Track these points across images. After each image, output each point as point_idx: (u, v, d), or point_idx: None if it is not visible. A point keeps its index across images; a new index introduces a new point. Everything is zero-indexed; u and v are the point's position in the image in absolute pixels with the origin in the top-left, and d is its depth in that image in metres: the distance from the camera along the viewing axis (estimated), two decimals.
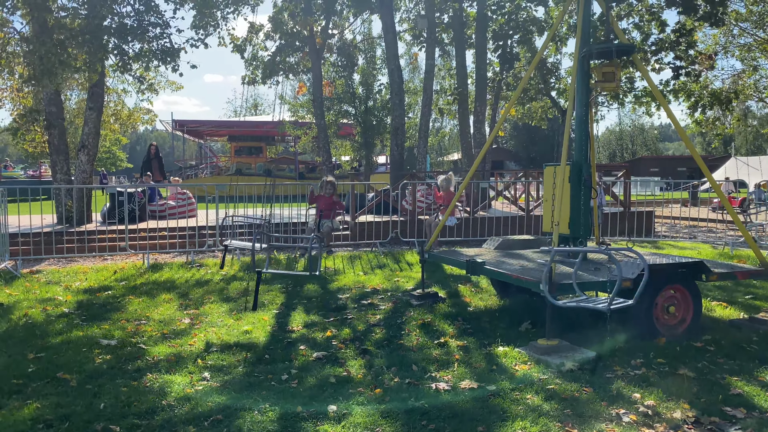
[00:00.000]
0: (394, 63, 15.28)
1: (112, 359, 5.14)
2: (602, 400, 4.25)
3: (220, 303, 7.32)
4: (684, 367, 4.87)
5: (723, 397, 4.29)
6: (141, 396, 4.30)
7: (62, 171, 13.03)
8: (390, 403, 4.22)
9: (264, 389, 4.48)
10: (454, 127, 39.78)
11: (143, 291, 7.98)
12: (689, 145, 6.90)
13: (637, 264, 5.60)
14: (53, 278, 8.91)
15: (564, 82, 21.14)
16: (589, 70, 7.07)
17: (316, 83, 16.13)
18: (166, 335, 5.89)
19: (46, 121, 13.31)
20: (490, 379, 4.67)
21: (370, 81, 24.11)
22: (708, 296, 7.45)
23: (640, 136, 68.99)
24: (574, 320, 6.31)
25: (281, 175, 32.80)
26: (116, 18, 11.47)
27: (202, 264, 10.11)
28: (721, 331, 6.01)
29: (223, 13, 12.75)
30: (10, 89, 18.55)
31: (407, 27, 19.79)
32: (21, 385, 4.54)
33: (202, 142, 43.84)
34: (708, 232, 14.69)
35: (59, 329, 6.10)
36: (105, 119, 21.12)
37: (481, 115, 17.02)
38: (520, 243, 7.99)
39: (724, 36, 23.27)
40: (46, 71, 10.57)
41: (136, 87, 17.54)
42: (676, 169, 44.77)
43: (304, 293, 7.88)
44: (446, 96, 21.70)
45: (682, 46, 15.33)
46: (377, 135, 25.58)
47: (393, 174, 15.43)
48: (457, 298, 7.47)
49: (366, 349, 5.42)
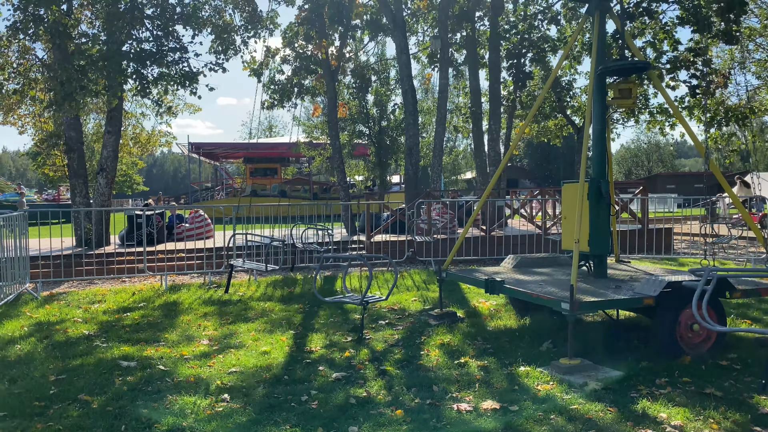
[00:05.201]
0: (407, 84, 15.37)
1: (133, 381, 5.15)
2: (627, 420, 4.17)
3: (239, 323, 7.31)
4: (710, 386, 4.77)
5: (752, 417, 4.19)
6: (162, 417, 4.29)
7: (81, 194, 13.19)
8: (412, 423, 4.17)
9: (284, 411, 4.46)
10: (467, 146, 39.87)
11: (162, 313, 8.01)
12: (710, 162, 6.83)
13: (659, 281, 5.53)
14: (73, 300, 8.97)
15: (578, 100, 21.12)
16: (605, 87, 7.07)
17: (330, 104, 16.25)
18: (186, 357, 5.89)
19: (66, 145, 13.51)
20: (513, 399, 4.61)
21: (384, 101, 24.29)
22: (731, 314, 7.32)
23: (656, 152, 68.55)
24: (597, 338, 6.22)
25: (296, 195, 32.98)
26: (135, 43, 11.68)
27: (219, 285, 10.13)
28: (747, 349, 5.89)
29: (242, 38, 12.94)
30: (32, 115, 18.90)
31: (420, 48, 19.92)
32: (43, 407, 4.55)
33: (218, 164, 44.28)
34: (729, 248, 14.49)
35: (80, 351, 6.13)
36: (124, 142, 21.43)
37: (495, 134, 17.01)
38: (539, 261, 7.93)
39: (740, 52, 23.17)
40: (67, 96, 10.76)
41: (154, 110, 17.83)
42: (693, 185, 44.35)
43: (321, 313, 7.86)
44: (460, 115, 21.76)
45: (698, 64, 15.27)
46: (391, 155, 25.72)
47: (408, 193, 15.44)
48: (476, 318, 7.41)
49: (385, 370, 5.37)
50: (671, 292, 5.53)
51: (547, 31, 18.03)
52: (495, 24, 16.56)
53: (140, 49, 11.68)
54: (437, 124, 16.36)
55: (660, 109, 19.57)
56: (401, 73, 15.62)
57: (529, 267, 7.69)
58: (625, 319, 7.21)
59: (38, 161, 25.59)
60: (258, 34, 14.17)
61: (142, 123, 22.90)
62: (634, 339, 6.18)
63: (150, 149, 23.89)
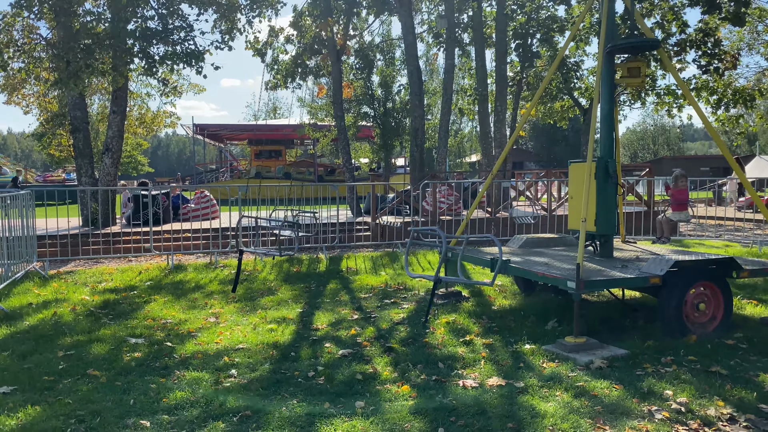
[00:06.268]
0: (413, 64, 15.27)
1: (141, 357, 5.19)
2: (633, 397, 4.18)
3: (245, 302, 7.35)
4: (716, 365, 4.78)
5: (758, 395, 4.20)
6: (169, 392, 4.33)
7: (87, 174, 13.20)
8: (417, 399, 4.20)
9: (291, 386, 4.49)
10: (473, 128, 39.66)
11: (168, 291, 8.05)
12: (719, 143, 6.79)
13: (666, 260, 5.52)
14: (80, 279, 9.02)
15: (585, 82, 20.95)
16: (613, 67, 7.00)
17: (335, 85, 16.16)
18: (192, 333, 5.93)
19: (72, 125, 13.50)
20: (518, 376, 4.62)
21: (390, 82, 24.13)
22: (738, 294, 7.31)
23: (662, 135, 68.11)
24: (602, 318, 6.23)
25: (300, 178, 32.95)
26: (140, 21, 11.60)
27: (225, 265, 10.17)
28: (753, 328, 5.88)
29: (247, 17, 12.81)
30: (36, 95, 18.87)
31: (427, 28, 19.76)
32: (52, 382, 4.60)
33: (222, 146, 44.22)
34: (735, 231, 14.43)
35: (88, 328, 6.17)
36: (129, 122, 21.39)
37: (501, 115, 16.91)
38: (545, 241, 7.92)
39: (749, 33, 22.90)
40: (72, 75, 10.72)
41: (159, 90, 17.75)
42: (699, 168, 44.10)
43: (327, 292, 7.89)
44: (466, 96, 21.60)
45: (708, 44, 15.11)
46: (396, 137, 25.60)
47: (413, 175, 15.41)
48: (481, 297, 7.43)
49: (391, 347, 5.40)
50: (678, 271, 5.52)
51: (555, 11, 17.86)
52: (502, 3, 16.40)
53: (145, 27, 11.60)
54: (443, 105, 16.28)
55: (668, 90, 19.41)
56: (407, 52, 15.52)
57: (535, 247, 7.68)
58: (630, 299, 7.21)
59: (44, 141, 25.60)
60: (263, 14, 14.05)
61: (147, 103, 22.85)
62: (639, 318, 6.19)
63: (155, 130, 23.85)
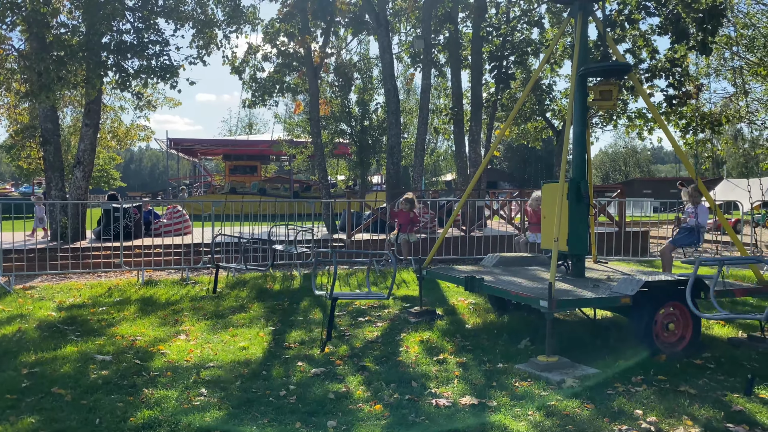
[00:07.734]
0: (390, 83, 15.36)
1: (108, 375, 5.07)
2: (604, 416, 4.21)
3: (216, 320, 7.25)
4: (685, 384, 4.84)
5: (725, 414, 4.26)
6: (137, 411, 4.24)
7: (57, 187, 12.97)
8: (390, 418, 4.17)
9: (262, 405, 4.43)
10: (448, 147, 40.00)
11: (138, 307, 7.90)
12: (688, 166, 6.96)
13: (636, 281, 5.60)
14: (47, 294, 8.82)
15: (558, 103, 21.31)
16: (586, 89, 7.14)
17: (313, 102, 16.17)
18: (162, 351, 5.82)
19: (42, 137, 13.28)
20: (491, 395, 4.63)
21: (367, 100, 24.27)
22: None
23: (633, 157, 69.53)
24: (574, 337, 6.28)
25: (276, 194, 32.78)
26: (115, 35, 11.51)
27: (197, 281, 10.03)
28: (720, 348, 5.99)
29: (224, 32, 12.82)
30: (6, 106, 18.52)
31: (403, 47, 19.93)
32: (15, 400, 4.47)
33: (197, 160, 43.84)
34: (703, 252, 14.72)
35: (53, 345, 6.02)
36: (102, 136, 21.11)
37: (476, 135, 17.07)
38: (518, 260, 7.98)
39: (716, 60, 23.56)
40: (44, 87, 10.57)
41: (133, 104, 17.58)
42: (669, 190, 44.98)
43: (300, 310, 7.83)
44: (442, 116, 21.80)
45: (675, 74, 15.53)
46: (373, 154, 25.70)
47: (389, 192, 15.43)
48: (455, 315, 7.44)
49: (364, 366, 5.37)
50: (648, 291, 5.61)
51: (530, 34, 18.18)
52: (478, 26, 16.64)
53: (121, 41, 11.51)
54: (419, 124, 16.38)
55: (638, 113, 19.86)
56: (384, 72, 15.61)
57: (509, 266, 7.74)
58: (602, 318, 7.29)
59: (12, 153, 25.04)
60: (240, 29, 14.07)
61: (121, 117, 22.52)
62: (610, 338, 6.25)
63: (128, 143, 23.54)
